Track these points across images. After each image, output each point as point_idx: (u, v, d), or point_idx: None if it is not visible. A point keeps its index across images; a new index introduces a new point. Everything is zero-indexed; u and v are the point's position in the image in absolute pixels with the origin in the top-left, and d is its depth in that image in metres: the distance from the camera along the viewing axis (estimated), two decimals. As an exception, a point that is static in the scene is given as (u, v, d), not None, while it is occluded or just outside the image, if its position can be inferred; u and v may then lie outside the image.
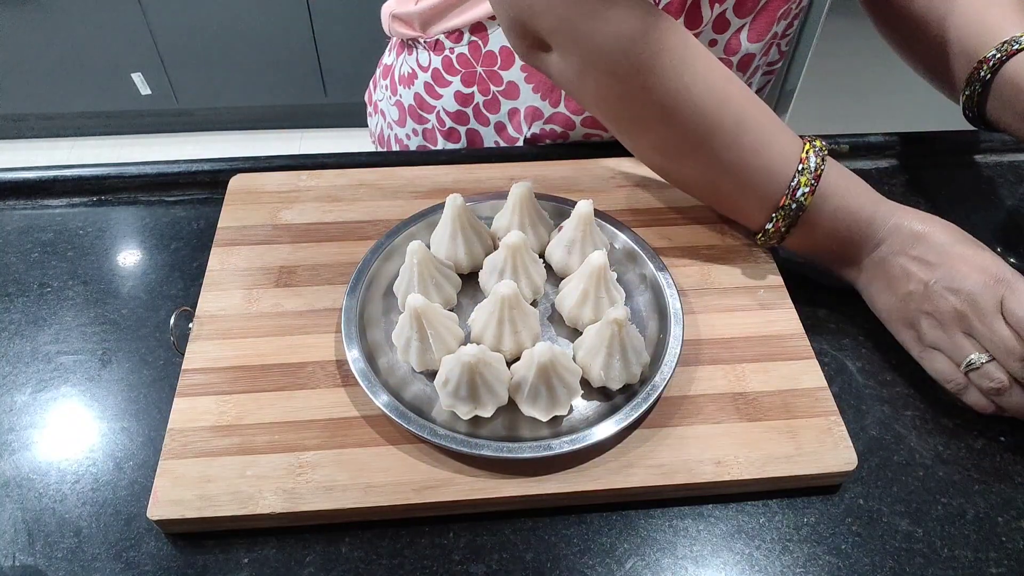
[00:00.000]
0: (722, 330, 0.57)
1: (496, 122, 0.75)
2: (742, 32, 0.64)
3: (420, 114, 0.80)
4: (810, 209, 0.54)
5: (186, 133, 2.35)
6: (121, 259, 0.64)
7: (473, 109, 0.76)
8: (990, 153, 0.75)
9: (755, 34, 0.64)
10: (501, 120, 0.75)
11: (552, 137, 0.74)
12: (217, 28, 2.02)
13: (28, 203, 0.69)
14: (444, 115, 0.77)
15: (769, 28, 0.65)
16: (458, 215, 0.57)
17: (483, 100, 0.74)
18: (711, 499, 0.50)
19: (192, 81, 2.15)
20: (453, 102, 0.76)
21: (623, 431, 0.49)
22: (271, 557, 0.47)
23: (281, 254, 0.61)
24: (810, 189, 0.53)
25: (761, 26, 0.64)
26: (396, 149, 0.86)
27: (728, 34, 0.63)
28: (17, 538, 0.48)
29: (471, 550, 0.47)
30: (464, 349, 0.47)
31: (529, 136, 0.74)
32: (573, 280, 0.55)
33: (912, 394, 0.56)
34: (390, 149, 0.88)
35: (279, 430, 0.51)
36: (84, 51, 2.03)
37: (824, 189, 0.54)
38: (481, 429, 0.50)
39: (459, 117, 0.77)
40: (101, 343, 0.58)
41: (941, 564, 0.47)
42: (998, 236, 0.67)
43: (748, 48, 0.65)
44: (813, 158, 0.54)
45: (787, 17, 0.67)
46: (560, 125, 0.72)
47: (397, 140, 0.85)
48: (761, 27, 0.64)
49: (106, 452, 0.52)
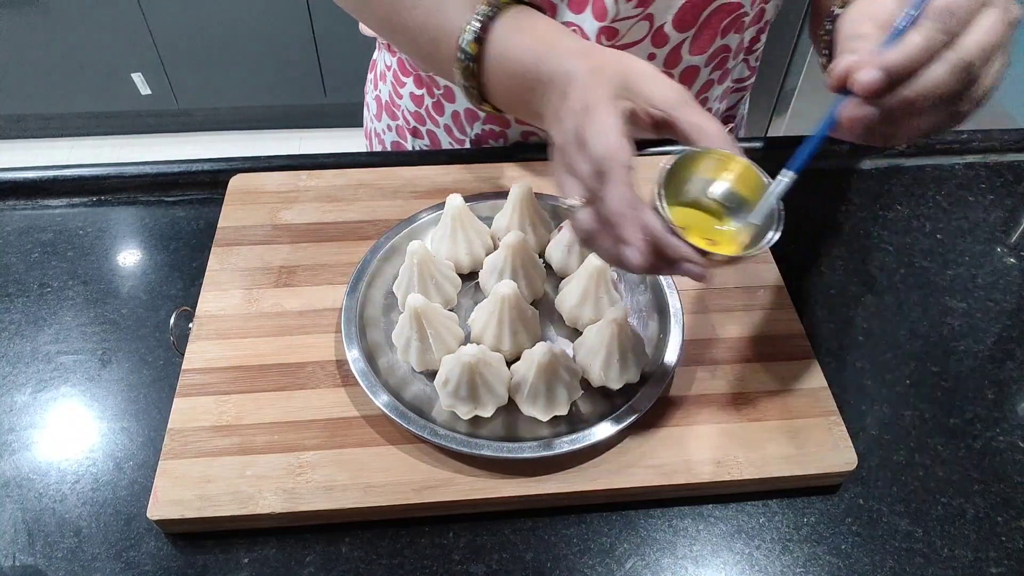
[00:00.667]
0: (722, 330, 0.57)
1: (444, 124, 0.76)
2: (683, 46, 0.64)
3: (392, 110, 0.81)
4: (483, 61, 0.50)
5: (186, 133, 2.35)
6: (121, 259, 0.64)
7: (425, 110, 0.76)
8: (990, 153, 0.75)
9: (698, 48, 0.64)
10: (447, 123, 0.75)
11: (493, 137, 0.74)
12: (217, 28, 2.02)
13: (28, 203, 0.69)
14: (408, 114, 0.78)
15: (712, 41, 0.65)
16: (458, 215, 0.57)
17: (431, 102, 0.75)
18: (711, 499, 0.50)
19: (192, 81, 2.15)
20: (411, 103, 0.77)
21: (623, 431, 0.49)
22: (271, 557, 0.47)
23: (281, 254, 0.61)
24: (474, 38, 0.49)
25: (704, 40, 0.64)
26: (376, 144, 0.87)
27: (667, 48, 0.63)
28: (17, 538, 0.48)
29: (471, 550, 0.47)
30: (464, 349, 0.47)
31: (473, 137, 0.75)
32: (573, 280, 0.55)
33: (912, 394, 0.56)
34: (371, 143, 0.88)
35: (279, 430, 0.51)
36: (84, 51, 2.03)
37: (493, 35, 0.49)
38: (481, 429, 0.50)
39: (418, 118, 0.77)
40: (101, 343, 0.58)
41: (941, 564, 0.47)
42: (998, 236, 0.67)
43: (691, 61, 0.65)
44: (483, 8, 0.49)
45: (739, 31, 0.66)
46: (498, 125, 0.72)
47: (376, 134, 0.86)
48: (704, 41, 0.64)
49: (106, 452, 0.52)
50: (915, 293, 0.62)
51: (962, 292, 0.62)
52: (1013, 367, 0.57)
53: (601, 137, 0.41)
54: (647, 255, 0.40)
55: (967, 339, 0.59)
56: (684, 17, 0.62)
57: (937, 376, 0.57)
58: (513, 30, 0.49)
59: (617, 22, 0.60)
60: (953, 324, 0.60)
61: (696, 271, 0.40)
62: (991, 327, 0.60)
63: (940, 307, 0.61)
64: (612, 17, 0.60)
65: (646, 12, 0.61)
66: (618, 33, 0.61)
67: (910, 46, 0.39)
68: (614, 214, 0.40)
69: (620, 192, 0.40)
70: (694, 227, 0.43)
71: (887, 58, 0.39)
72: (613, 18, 0.60)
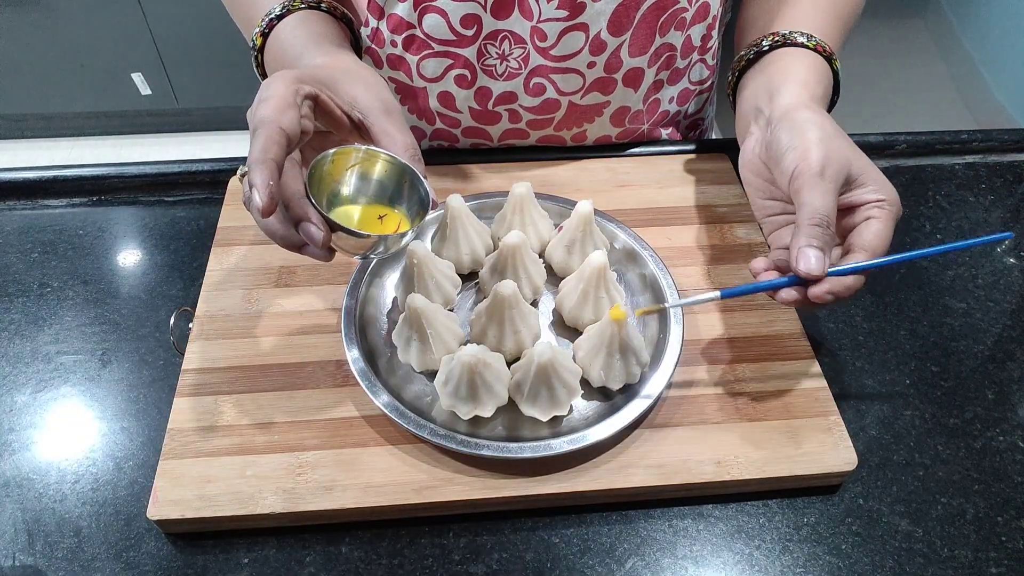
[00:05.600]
0: (722, 330, 0.57)
1: None
2: (621, 49, 0.64)
3: None
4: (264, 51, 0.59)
5: (186, 133, 2.34)
6: (121, 259, 0.64)
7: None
8: (990, 153, 0.75)
9: (636, 48, 0.65)
10: None
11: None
12: (217, 28, 2.02)
13: (28, 203, 0.69)
14: None
15: (651, 40, 0.65)
16: (458, 215, 0.57)
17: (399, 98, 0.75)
18: (711, 499, 0.50)
19: (192, 81, 2.15)
20: None
21: (623, 431, 0.49)
22: (271, 557, 0.47)
23: (281, 254, 0.61)
24: (261, 32, 0.59)
25: (642, 40, 0.64)
26: None
27: (606, 54, 0.64)
28: (17, 538, 0.48)
29: (471, 550, 0.47)
30: (464, 349, 0.47)
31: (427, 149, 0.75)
32: (573, 280, 0.55)
33: (912, 394, 0.56)
34: None
35: (279, 430, 0.51)
36: (84, 51, 2.03)
37: (278, 30, 0.58)
38: (481, 429, 0.50)
39: None
40: (101, 343, 0.58)
41: (941, 564, 0.47)
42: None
43: (632, 63, 0.65)
44: (276, 8, 0.58)
45: (681, 28, 0.65)
46: (445, 140, 0.73)
47: None
48: (642, 41, 0.64)
49: (106, 452, 0.52)
50: (915, 293, 0.62)
51: (962, 292, 0.62)
52: (1013, 367, 0.57)
53: (263, 103, 0.44)
54: (268, 203, 0.42)
55: (967, 339, 0.59)
56: (618, 20, 0.62)
57: (937, 376, 0.57)
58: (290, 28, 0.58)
59: (543, 23, 0.61)
60: (953, 324, 0.60)
61: (313, 232, 0.44)
62: (991, 327, 0.60)
63: (940, 307, 0.61)
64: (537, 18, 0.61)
65: (579, 21, 0.61)
66: (547, 36, 0.62)
67: (859, 283, 0.48)
68: (250, 162, 0.43)
69: (260, 144, 0.43)
70: (370, 221, 0.50)
71: (837, 286, 0.47)
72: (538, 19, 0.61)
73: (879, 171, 0.50)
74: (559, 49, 0.63)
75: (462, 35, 0.62)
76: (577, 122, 0.69)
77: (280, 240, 0.46)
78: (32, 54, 2.03)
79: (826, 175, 0.48)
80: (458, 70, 0.65)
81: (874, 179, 0.49)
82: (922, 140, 0.74)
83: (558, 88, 0.66)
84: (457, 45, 0.63)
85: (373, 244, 0.47)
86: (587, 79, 0.65)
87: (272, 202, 0.42)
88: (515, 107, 0.68)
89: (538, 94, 0.66)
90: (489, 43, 0.63)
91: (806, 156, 0.48)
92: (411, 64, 0.65)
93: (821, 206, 0.47)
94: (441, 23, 0.62)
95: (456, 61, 0.64)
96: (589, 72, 0.65)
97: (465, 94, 0.67)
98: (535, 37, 0.62)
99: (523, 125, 0.69)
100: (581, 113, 0.68)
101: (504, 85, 0.66)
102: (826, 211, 0.47)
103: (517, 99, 0.67)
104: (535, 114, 0.68)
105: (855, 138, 0.74)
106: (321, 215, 0.45)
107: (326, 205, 0.48)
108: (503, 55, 0.64)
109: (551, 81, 0.65)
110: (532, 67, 0.64)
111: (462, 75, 0.65)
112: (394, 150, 0.49)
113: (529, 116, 0.68)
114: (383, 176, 0.50)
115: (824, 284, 0.47)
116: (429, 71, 0.66)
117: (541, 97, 0.66)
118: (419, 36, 0.63)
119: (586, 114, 0.69)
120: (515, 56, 0.64)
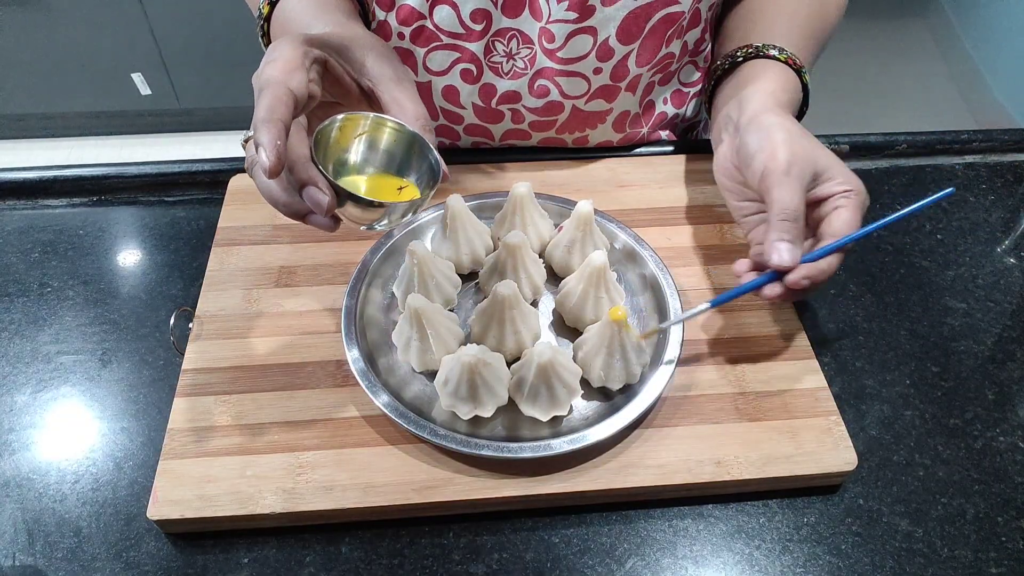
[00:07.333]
0: (722, 330, 0.57)
1: None
2: (629, 58, 0.64)
3: None
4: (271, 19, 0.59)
5: (186, 133, 2.34)
6: (121, 259, 0.64)
7: None
8: (990, 153, 0.75)
9: (643, 59, 0.65)
10: None
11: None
12: (217, 28, 2.02)
13: (28, 203, 0.69)
14: None
15: (658, 51, 0.65)
16: (458, 215, 0.57)
17: None
18: (711, 499, 0.50)
19: (192, 81, 2.15)
20: None
21: (623, 431, 0.49)
22: (271, 557, 0.47)
23: (281, 254, 0.61)
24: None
25: (649, 51, 0.64)
26: None
27: (613, 61, 0.64)
28: (17, 538, 0.48)
29: (471, 550, 0.47)
30: (464, 349, 0.47)
31: None
32: (573, 280, 0.55)
33: (912, 394, 0.56)
34: None
35: (279, 430, 0.51)
36: (84, 51, 2.03)
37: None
38: (481, 429, 0.50)
39: None
40: (101, 343, 0.58)
41: (941, 564, 0.47)
42: (998, 236, 0.67)
43: (636, 71, 0.66)
44: None
45: (680, 36, 0.66)
46: (447, 138, 0.73)
47: None
48: (649, 52, 0.65)
49: (106, 452, 0.52)
50: (915, 293, 0.62)
51: (962, 292, 0.62)
52: (1013, 367, 0.57)
53: (270, 64, 0.43)
54: (275, 162, 0.40)
55: (967, 339, 0.59)
56: (628, 28, 0.62)
57: (937, 376, 0.57)
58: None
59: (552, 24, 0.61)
60: (953, 324, 0.60)
61: (319, 198, 0.43)
62: (991, 327, 0.60)
63: (940, 307, 0.61)
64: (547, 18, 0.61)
65: (587, 24, 0.61)
66: (555, 38, 0.62)
67: (832, 265, 0.50)
68: (255, 121, 0.41)
69: (267, 103, 0.41)
70: (381, 188, 0.49)
71: (811, 270, 0.49)
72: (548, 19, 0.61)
73: (844, 165, 0.52)
74: (566, 51, 0.63)
75: (471, 29, 0.62)
76: (580, 127, 0.69)
77: (283, 208, 0.45)
78: (32, 54, 2.03)
79: (792, 173, 0.50)
80: (464, 64, 0.65)
81: (840, 172, 0.52)
82: (922, 140, 0.74)
83: (563, 91, 0.66)
84: (465, 39, 0.63)
85: (382, 213, 0.45)
86: (592, 85, 0.66)
87: (279, 162, 0.40)
88: (518, 107, 0.68)
89: (542, 96, 0.66)
90: (497, 40, 0.63)
91: (774, 156, 0.51)
92: (418, 57, 0.65)
93: (789, 202, 0.49)
94: (452, 15, 0.62)
95: (463, 55, 0.64)
96: (595, 78, 0.65)
97: (470, 89, 0.67)
98: (543, 38, 0.62)
99: (525, 126, 0.69)
100: (584, 118, 0.69)
101: (509, 84, 0.66)
102: (794, 206, 0.49)
103: (521, 99, 0.67)
104: (538, 116, 0.68)
105: (855, 138, 0.75)
106: (328, 181, 0.43)
107: (332, 173, 0.46)
108: (510, 54, 0.64)
109: (556, 84, 0.65)
110: (537, 68, 0.64)
111: (468, 69, 0.65)
112: (405, 120, 0.48)
113: (532, 117, 0.68)
114: (391, 145, 0.49)
115: (799, 271, 0.49)
116: (435, 64, 0.66)
117: (545, 99, 0.66)
118: (428, 28, 0.63)
119: (589, 120, 0.69)
120: (522, 56, 0.64)
